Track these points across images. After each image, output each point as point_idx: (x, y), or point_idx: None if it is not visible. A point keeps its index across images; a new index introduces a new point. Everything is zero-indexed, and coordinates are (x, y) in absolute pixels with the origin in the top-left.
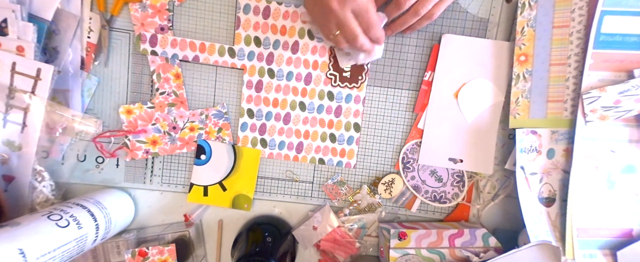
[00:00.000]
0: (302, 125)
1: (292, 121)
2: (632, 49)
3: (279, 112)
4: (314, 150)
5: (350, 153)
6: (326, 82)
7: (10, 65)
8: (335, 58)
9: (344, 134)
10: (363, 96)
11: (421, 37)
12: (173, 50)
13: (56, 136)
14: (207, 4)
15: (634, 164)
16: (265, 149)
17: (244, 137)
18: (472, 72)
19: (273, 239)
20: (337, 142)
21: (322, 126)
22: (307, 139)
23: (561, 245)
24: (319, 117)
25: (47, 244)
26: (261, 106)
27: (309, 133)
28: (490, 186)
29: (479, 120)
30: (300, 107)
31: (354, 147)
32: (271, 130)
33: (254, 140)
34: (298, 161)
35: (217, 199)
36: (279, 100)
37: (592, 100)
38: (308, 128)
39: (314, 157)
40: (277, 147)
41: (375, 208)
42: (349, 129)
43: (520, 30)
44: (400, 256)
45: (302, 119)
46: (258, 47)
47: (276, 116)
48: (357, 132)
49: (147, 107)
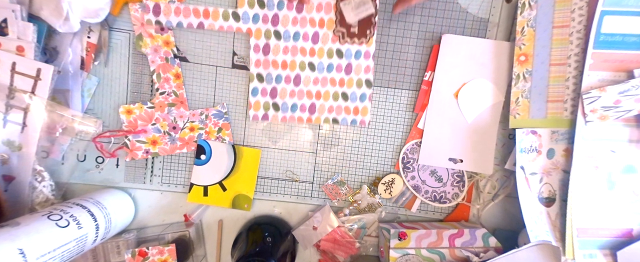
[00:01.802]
0: (313, 85)
1: (302, 82)
2: (632, 49)
3: (289, 74)
4: (327, 110)
5: (363, 110)
6: (334, 39)
7: (10, 65)
8: (342, 14)
9: (356, 91)
10: (372, 51)
11: (421, 37)
12: (177, 18)
13: (56, 136)
14: (207, 3)
15: (634, 164)
16: (278, 112)
17: (255, 103)
18: (472, 72)
19: (273, 239)
20: (350, 100)
21: (333, 85)
22: (319, 99)
23: (561, 245)
24: (330, 77)
25: (47, 244)
26: (270, 70)
27: (320, 94)
28: (490, 186)
29: (479, 120)
30: (309, 68)
31: (367, 104)
32: (282, 93)
33: (266, 105)
34: (311, 122)
35: (217, 199)
36: (287, 62)
37: (592, 100)
38: (319, 88)
39: (327, 118)
40: (290, 110)
41: (375, 208)
42: (361, 85)
43: (520, 30)
44: (400, 256)
45: (313, 79)
46: (262, 9)
47: (286, 79)
48: (369, 89)
49: (147, 107)
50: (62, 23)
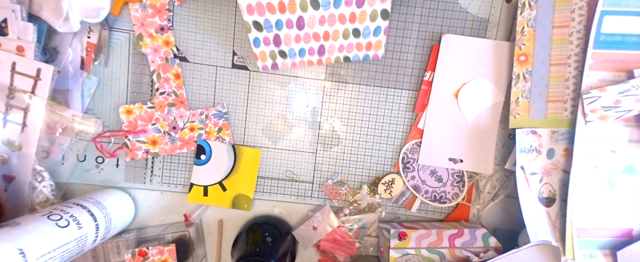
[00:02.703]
0: (319, 26)
1: (307, 25)
2: (632, 49)
3: (290, 18)
4: (337, 49)
5: (377, 45)
6: None
7: (10, 65)
8: None
9: (370, 25)
10: None
11: (421, 37)
12: None
13: (56, 136)
14: (207, 3)
15: (634, 164)
16: (286, 60)
17: (261, 53)
18: (472, 72)
19: (273, 239)
20: (362, 36)
21: (343, 22)
22: (327, 40)
23: (561, 245)
24: (338, 13)
25: (47, 244)
26: (266, 15)
27: (328, 34)
28: (490, 186)
29: (479, 120)
30: (312, 6)
31: (381, 37)
32: (287, 39)
33: (273, 53)
34: (322, 63)
35: (217, 199)
36: (285, 3)
37: (592, 100)
38: (327, 28)
39: (338, 57)
40: (298, 55)
41: (375, 208)
42: (375, 18)
43: (520, 30)
44: (400, 256)
45: (318, 19)
46: None
47: (288, 23)
48: (385, 21)
49: (147, 107)
50: (62, 23)
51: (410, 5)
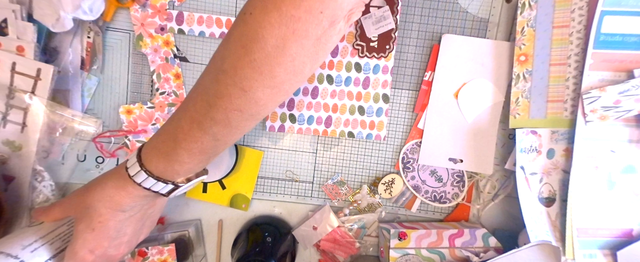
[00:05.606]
0: (330, 98)
1: (320, 95)
2: (632, 49)
3: (307, 87)
4: (342, 123)
5: (379, 125)
6: (353, 53)
7: (10, 65)
8: (362, 28)
9: (373, 106)
10: (391, 66)
11: (421, 37)
12: (200, 27)
13: (56, 136)
14: (207, 3)
15: (634, 164)
16: (294, 124)
17: (272, 114)
18: (472, 72)
19: (273, 239)
20: (366, 114)
21: (350, 99)
22: (335, 112)
23: (561, 245)
24: (347, 90)
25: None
26: None
27: (337, 106)
28: (490, 186)
29: (479, 120)
30: (327, 80)
31: (383, 119)
32: (299, 105)
33: (283, 116)
34: (327, 135)
35: (215, 196)
36: (314, 74)
37: (592, 100)
38: (336, 101)
39: (343, 131)
40: (306, 122)
41: (375, 208)
42: (378, 100)
43: (520, 30)
44: (400, 256)
45: (330, 92)
46: None
47: (304, 91)
48: (386, 104)
49: (147, 107)
50: (55, 22)
51: (410, 5)
